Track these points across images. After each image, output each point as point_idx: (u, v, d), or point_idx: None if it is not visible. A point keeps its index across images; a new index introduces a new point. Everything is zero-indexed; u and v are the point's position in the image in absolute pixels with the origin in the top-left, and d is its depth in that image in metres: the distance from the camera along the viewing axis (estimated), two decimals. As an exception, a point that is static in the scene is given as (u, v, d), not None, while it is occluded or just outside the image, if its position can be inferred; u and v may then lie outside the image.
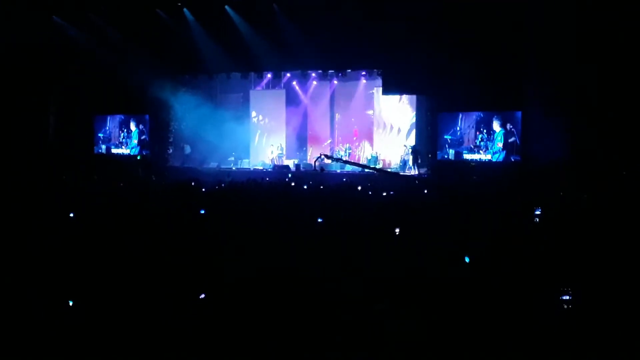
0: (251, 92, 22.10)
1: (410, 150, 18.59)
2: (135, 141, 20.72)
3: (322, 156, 15.88)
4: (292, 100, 21.78)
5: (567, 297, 3.82)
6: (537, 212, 7.96)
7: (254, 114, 21.84)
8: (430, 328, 3.50)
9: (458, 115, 17.05)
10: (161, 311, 3.82)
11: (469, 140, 16.98)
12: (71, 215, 7.52)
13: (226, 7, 18.09)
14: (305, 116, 21.83)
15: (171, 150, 20.67)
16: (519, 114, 16.16)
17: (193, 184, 12.83)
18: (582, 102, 14.67)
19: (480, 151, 16.78)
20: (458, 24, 15.69)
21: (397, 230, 6.44)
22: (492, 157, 16.60)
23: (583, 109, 14.68)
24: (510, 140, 16.38)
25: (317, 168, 17.17)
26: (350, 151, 20.39)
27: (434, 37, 16.01)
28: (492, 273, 4.58)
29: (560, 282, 4.25)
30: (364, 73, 20.28)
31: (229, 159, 20.80)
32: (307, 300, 3.91)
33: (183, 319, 3.71)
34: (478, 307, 3.83)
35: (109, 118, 21.23)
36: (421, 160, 18.09)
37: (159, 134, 20.32)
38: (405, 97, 19.71)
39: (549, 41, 14.89)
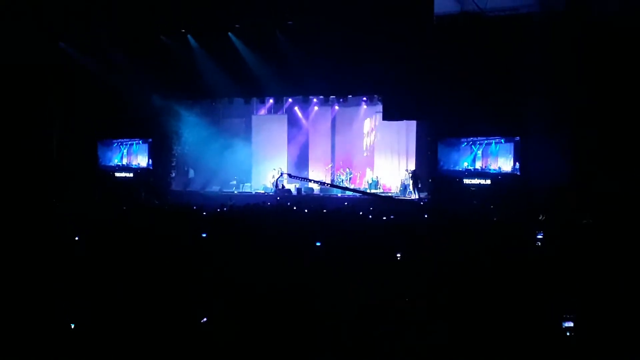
0: (253, 117, 22.37)
1: (410, 174, 18.74)
2: (138, 162, 20.82)
3: (285, 175, 16.44)
4: (293, 125, 22.02)
5: (570, 324, 3.83)
6: (539, 237, 7.99)
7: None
8: (432, 351, 3.52)
9: (458, 140, 17.17)
10: (162, 335, 3.85)
11: (468, 165, 17.07)
12: (76, 238, 7.57)
13: (229, 34, 18.41)
14: (306, 141, 22.04)
15: (174, 174, 20.79)
16: (517, 139, 16.28)
17: (195, 207, 12.90)
18: (581, 127, 14.79)
19: (480, 175, 16.84)
20: (458, 51, 15.93)
21: (399, 255, 6.46)
22: (491, 182, 16.66)
23: (582, 134, 14.79)
24: (509, 165, 16.46)
25: (277, 185, 17.89)
26: (351, 175, 20.52)
27: (434, 64, 16.22)
28: (495, 297, 4.59)
29: (563, 305, 4.28)
30: (364, 99, 20.54)
31: (231, 182, 20.93)
32: (307, 323, 3.95)
33: (184, 342, 3.74)
34: (481, 330, 3.84)
35: (113, 142, 21.35)
36: (421, 185, 18.19)
37: (161, 158, 20.44)
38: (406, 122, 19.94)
39: (548, 66, 15.09)
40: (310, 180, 18.86)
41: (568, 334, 3.78)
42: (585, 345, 3.66)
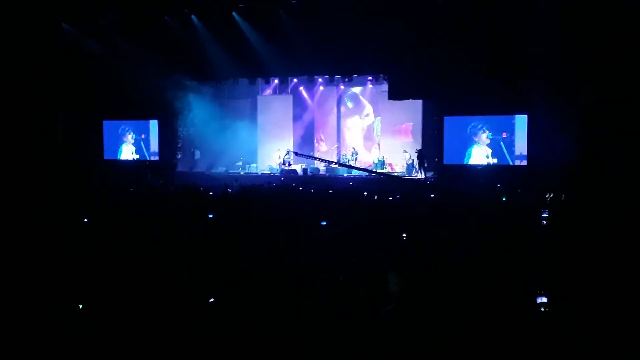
0: (258, 97, 22.28)
1: (416, 154, 18.67)
2: (144, 143, 20.85)
3: (291, 152, 16.65)
4: (299, 105, 21.93)
5: (544, 299, 3.82)
6: (544, 215, 7.97)
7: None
8: (438, 334, 3.53)
9: (464, 119, 17.04)
10: (169, 315, 3.89)
11: (474, 143, 16.96)
12: (85, 220, 7.64)
13: (233, 13, 18.25)
14: (312, 121, 21.98)
15: (180, 156, 20.82)
16: (525, 117, 16.16)
17: (201, 188, 12.94)
18: (590, 104, 14.65)
19: (488, 154, 16.75)
20: (464, 28, 15.74)
21: (404, 235, 6.47)
22: (498, 161, 16.58)
23: (591, 111, 14.66)
24: (516, 143, 16.37)
25: (284, 163, 17.94)
26: (357, 155, 20.47)
27: (440, 41, 16.03)
28: (499, 277, 4.59)
29: (565, 286, 4.28)
30: (370, 78, 20.39)
31: (237, 163, 20.94)
32: (311, 304, 3.97)
33: (191, 323, 3.78)
34: (485, 312, 3.85)
35: (118, 124, 21.34)
36: (427, 164, 18.13)
37: (167, 140, 20.47)
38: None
39: (555, 44, 14.89)
40: (320, 160, 18.84)
41: (542, 309, 3.79)
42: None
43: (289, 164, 19.65)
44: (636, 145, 13.71)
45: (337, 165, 19.42)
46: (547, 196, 11.07)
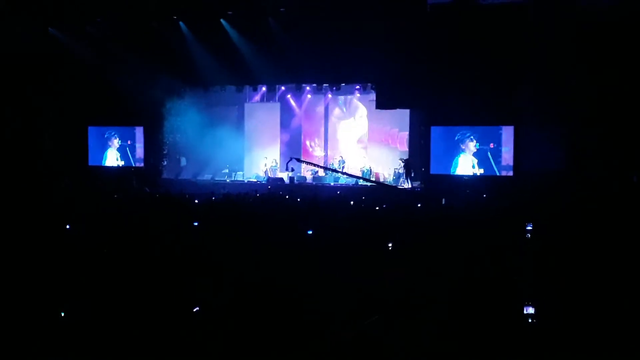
0: (246, 104, 22.23)
1: (403, 163, 18.71)
2: (129, 150, 20.67)
3: (293, 159, 16.64)
4: (286, 113, 21.91)
5: (531, 309, 3.83)
6: (529, 228, 7.99)
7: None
8: (424, 343, 3.51)
9: (451, 129, 17.13)
10: (154, 323, 3.83)
11: (461, 152, 17.04)
12: (67, 227, 7.52)
13: (221, 20, 18.23)
14: (299, 129, 21.96)
15: (165, 162, 20.67)
16: (511, 128, 16.29)
17: (187, 196, 12.84)
18: (575, 115, 14.81)
19: (474, 164, 16.84)
20: (452, 39, 15.88)
21: (390, 245, 6.45)
22: (485, 171, 16.67)
23: (577, 123, 14.82)
24: (501, 154, 16.48)
25: (287, 169, 17.93)
26: (344, 164, 20.47)
27: (428, 52, 16.17)
28: (484, 287, 4.59)
29: (553, 294, 4.28)
30: (358, 87, 20.46)
31: (223, 171, 20.85)
32: (297, 314, 3.93)
33: (176, 332, 3.72)
34: (471, 321, 3.84)
35: (103, 130, 21.11)
36: (414, 174, 18.17)
37: (153, 146, 20.31)
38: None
39: (542, 55, 15.07)
40: (319, 167, 18.78)
41: (530, 320, 3.78)
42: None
43: (292, 169, 19.36)
44: (621, 157, 13.88)
45: (338, 174, 19.21)
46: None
